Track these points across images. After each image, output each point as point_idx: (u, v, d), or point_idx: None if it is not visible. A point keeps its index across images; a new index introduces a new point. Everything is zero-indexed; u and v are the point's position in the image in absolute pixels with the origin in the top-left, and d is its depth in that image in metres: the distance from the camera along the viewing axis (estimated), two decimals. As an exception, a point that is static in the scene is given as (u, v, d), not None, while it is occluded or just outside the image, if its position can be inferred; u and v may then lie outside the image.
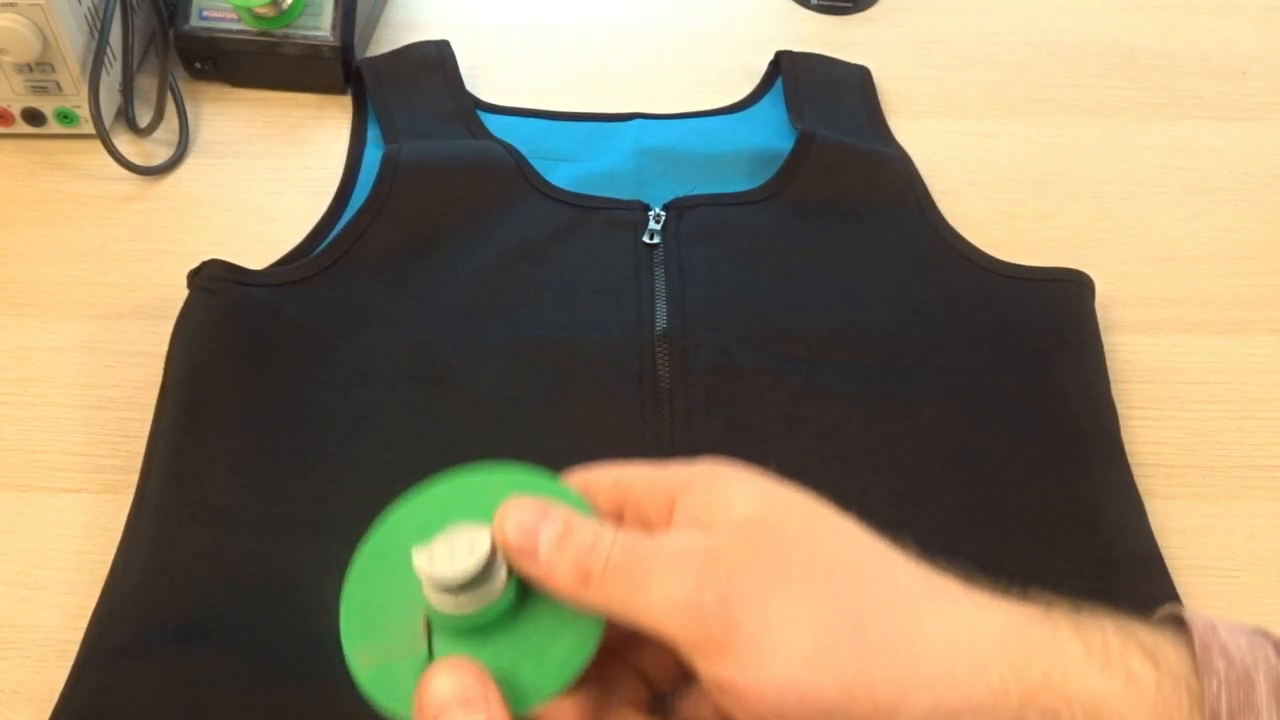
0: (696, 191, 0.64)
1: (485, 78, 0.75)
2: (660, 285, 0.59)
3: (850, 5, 0.83)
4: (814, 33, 0.81)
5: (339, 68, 0.72)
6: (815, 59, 0.75)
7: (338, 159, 0.69)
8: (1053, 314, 0.59)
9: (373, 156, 0.66)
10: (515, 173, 0.63)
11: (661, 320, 0.57)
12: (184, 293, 0.58)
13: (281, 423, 0.53)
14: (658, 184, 0.66)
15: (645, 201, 0.63)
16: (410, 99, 0.69)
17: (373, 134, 0.68)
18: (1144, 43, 0.81)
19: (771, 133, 0.70)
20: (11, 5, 0.61)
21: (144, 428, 0.54)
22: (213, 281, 0.56)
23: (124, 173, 0.66)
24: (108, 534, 0.51)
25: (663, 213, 0.62)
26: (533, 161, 0.64)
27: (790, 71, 0.73)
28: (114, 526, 0.51)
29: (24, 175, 0.67)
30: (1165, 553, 0.52)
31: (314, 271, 0.58)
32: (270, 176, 0.68)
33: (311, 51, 0.71)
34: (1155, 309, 0.63)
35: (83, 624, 0.48)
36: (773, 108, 0.73)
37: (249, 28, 0.70)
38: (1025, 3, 0.84)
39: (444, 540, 0.30)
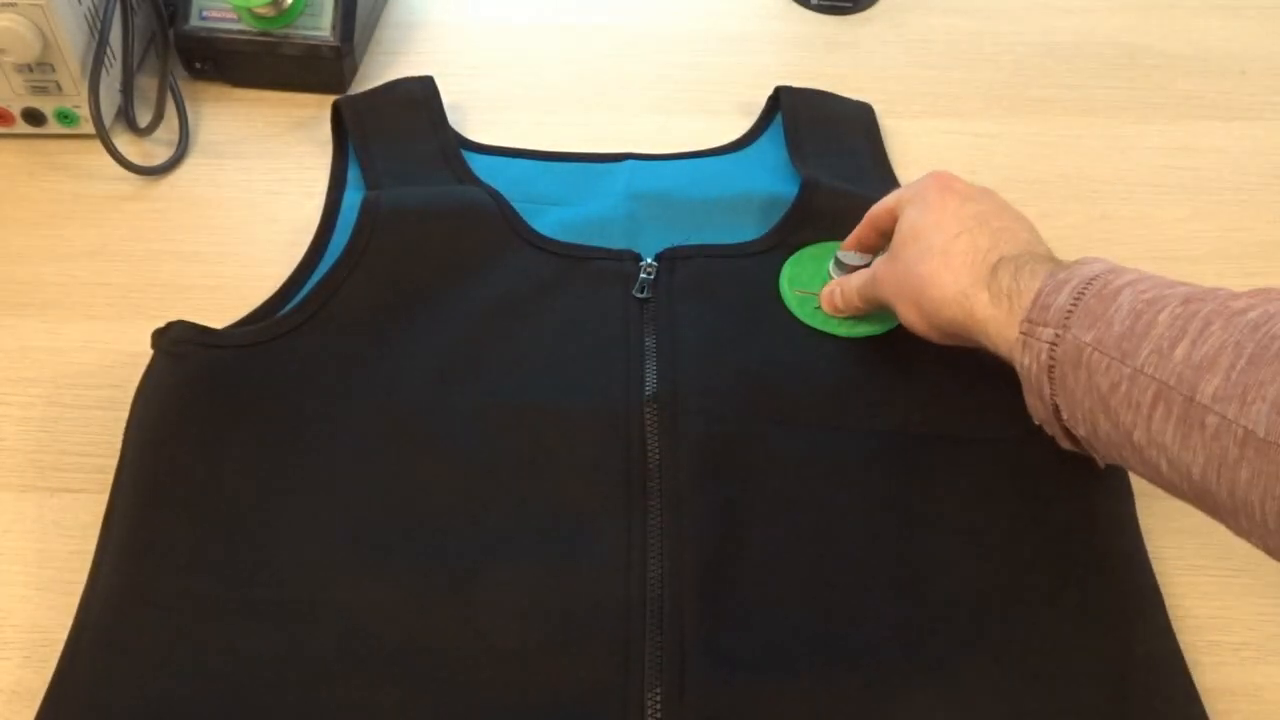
0: (691, 241, 0.60)
1: (485, 78, 0.75)
2: (650, 344, 0.55)
3: (850, 5, 0.83)
4: (814, 33, 0.81)
5: (339, 68, 0.72)
6: (816, 95, 0.72)
7: (338, 159, 0.69)
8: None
9: (352, 200, 0.62)
10: (500, 221, 0.60)
11: (651, 383, 0.54)
12: (184, 292, 0.58)
13: (246, 499, 0.49)
14: (651, 231, 0.62)
15: (637, 251, 0.60)
16: (392, 140, 0.66)
17: (353, 175, 0.65)
18: (1144, 43, 0.81)
19: (771, 175, 0.67)
20: (11, 5, 0.61)
21: (144, 428, 0.55)
22: (177, 345, 0.53)
23: (124, 173, 0.66)
24: (108, 534, 0.51)
25: (654, 264, 0.59)
26: (519, 206, 0.61)
27: (790, 109, 0.70)
28: (114, 526, 0.51)
29: (24, 175, 0.67)
30: (1165, 553, 0.52)
31: (286, 330, 0.54)
32: (270, 176, 0.68)
33: (311, 51, 0.71)
34: (1155, 309, 0.63)
35: (83, 624, 0.48)
36: (772, 147, 0.70)
37: (249, 28, 0.70)
38: (1025, 3, 0.84)
39: (850, 252, 0.58)
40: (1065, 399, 0.45)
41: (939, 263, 0.49)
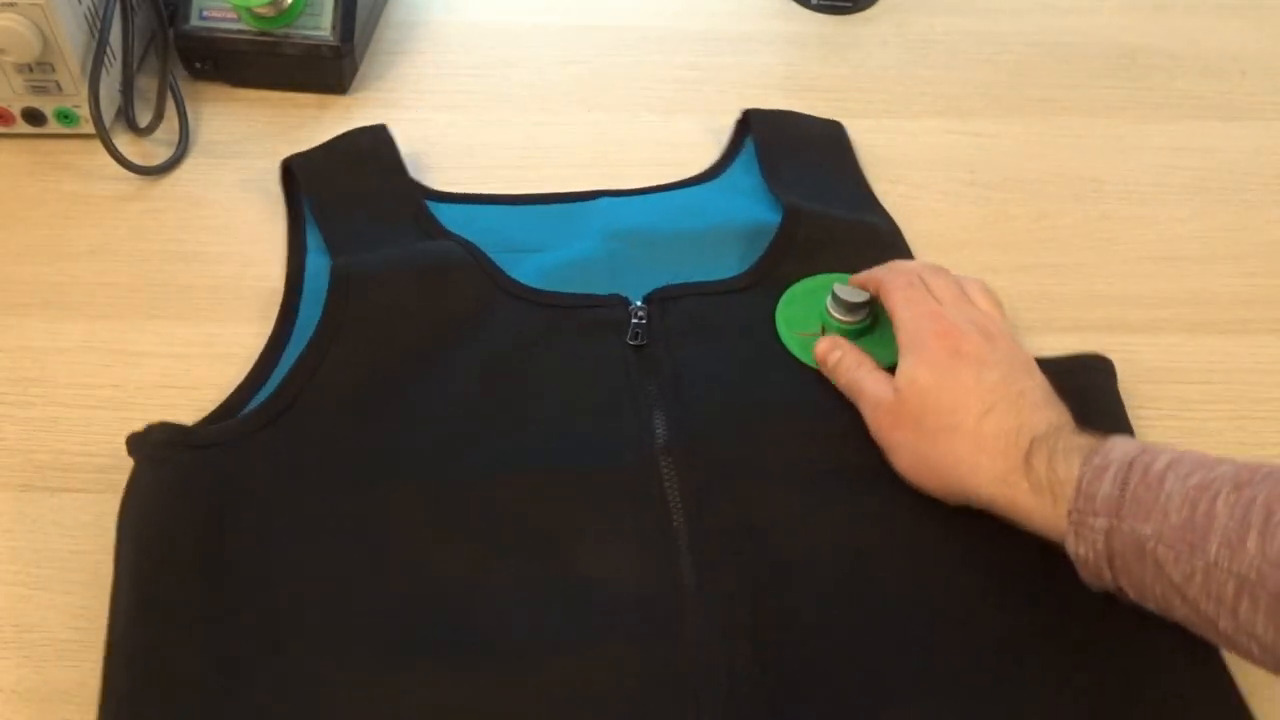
0: (679, 280, 0.59)
1: (485, 78, 0.75)
2: (654, 390, 0.53)
3: (850, 5, 0.83)
4: (814, 33, 0.81)
5: (339, 67, 0.72)
6: (785, 117, 0.70)
7: (338, 159, 0.69)
8: (1079, 410, 0.51)
9: (316, 265, 0.60)
10: (479, 275, 0.57)
11: (662, 431, 0.52)
12: (184, 292, 0.58)
13: (246, 601, 0.46)
14: (634, 271, 0.60)
15: (623, 294, 0.57)
16: (352, 198, 0.62)
17: (313, 239, 0.61)
18: (1144, 43, 0.81)
19: (749, 202, 0.65)
20: (11, 5, 0.61)
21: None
22: (158, 449, 0.50)
23: (124, 172, 0.66)
24: (108, 534, 0.51)
25: (644, 307, 0.57)
26: (495, 256, 0.58)
27: (761, 133, 0.68)
28: (113, 527, 0.51)
29: (24, 175, 0.67)
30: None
31: (266, 421, 0.51)
32: (270, 176, 0.68)
33: (311, 51, 0.71)
34: (1155, 309, 0.63)
35: (83, 624, 0.48)
36: (745, 174, 0.68)
37: (249, 27, 0.70)
38: (1025, 3, 0.84)
39: (847, 289, 0.56)
40: (1130, 582, 0.44)
41: (971, 446, 0.48)
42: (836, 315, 0.57)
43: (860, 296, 0.56)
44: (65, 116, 0.67)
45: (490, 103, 0.74)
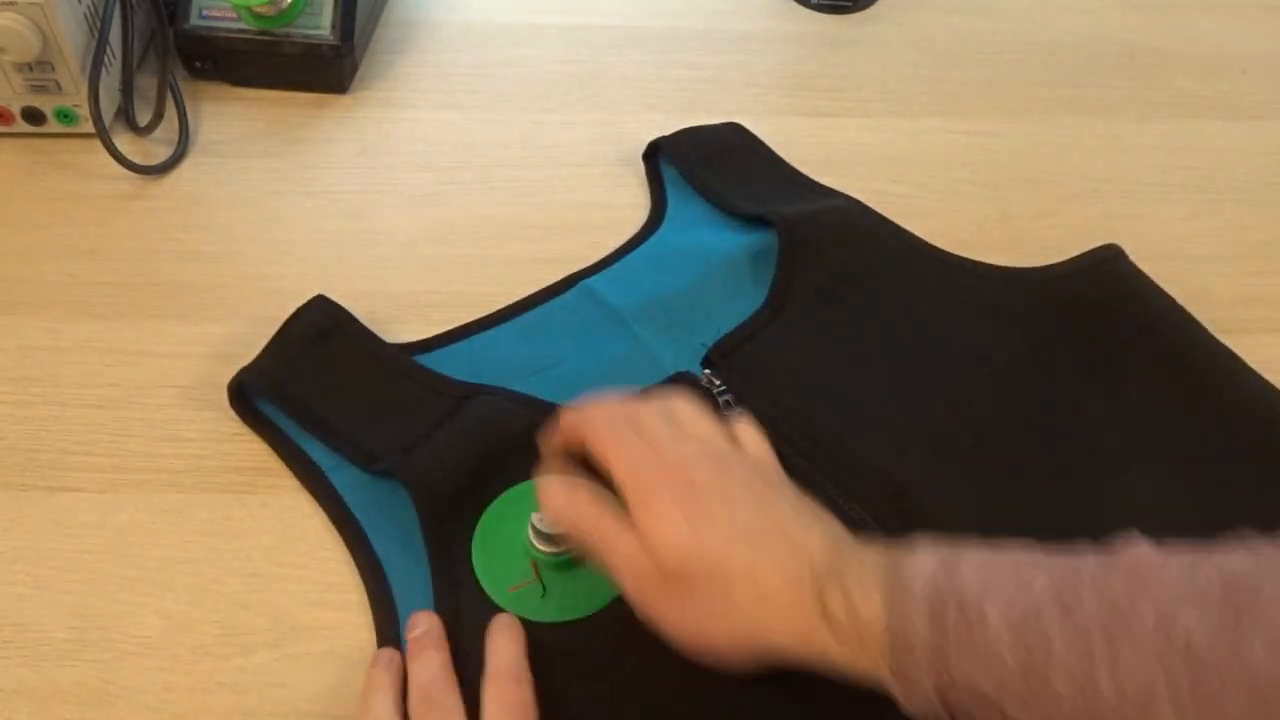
0: (710, 341, 0.57)
1: (485, 78, 0.75)
2: (779, 445, 0.51)
3: (850, 5, 0.83)
4: (814, 33, 0.81)
5: (339, 67, 0.72)
6: (689, 135, 0.69)
7: (338, 158, 0.69)
8: (1113, 304, 0.58)
9: (346, 480, 0.52)
10: (532, 418, 0.51)
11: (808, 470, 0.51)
12: (184, 292, 0.58)
13: None
14: (663, 345, 0.58)
15: (682, 370, 0.56)
16: (336, 390, 0.54)
17: (319, 455, 0.53)
18: (1144, 43, 0.81)
19: (713, 229, 0.64)
20: (11, 4, 0.61)
21: (145, 427, 0.55)
22: None
23: (124, 172, 0.66)
24: (107, 534, 0.51)
25: (710, 373, 0.55)
26: (520, 389, 0.55)
27: (680, 156, 0.67)
28: (114, 526, 0.51)
29: (24, 175, 0.67)
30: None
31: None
32: (270, 176, 0.68)
33: (311, 50, 0.71)
34: (1155, 309, 0.64)
35: (82, 624, 0.48)
36: (687, 204, 0.66)
37: (249, 27, 0.70)
38: (1025, 3, 0.84)
39: (540, 517, 0.48)
40: None
41: (753, 599, 0.41)
42: (542, 548, 0.48)
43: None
44: (65, 116, 0.67)
45: (490, 102, 0.74)
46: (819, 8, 0.83)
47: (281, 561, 0.50)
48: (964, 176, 0.70)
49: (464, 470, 0.51)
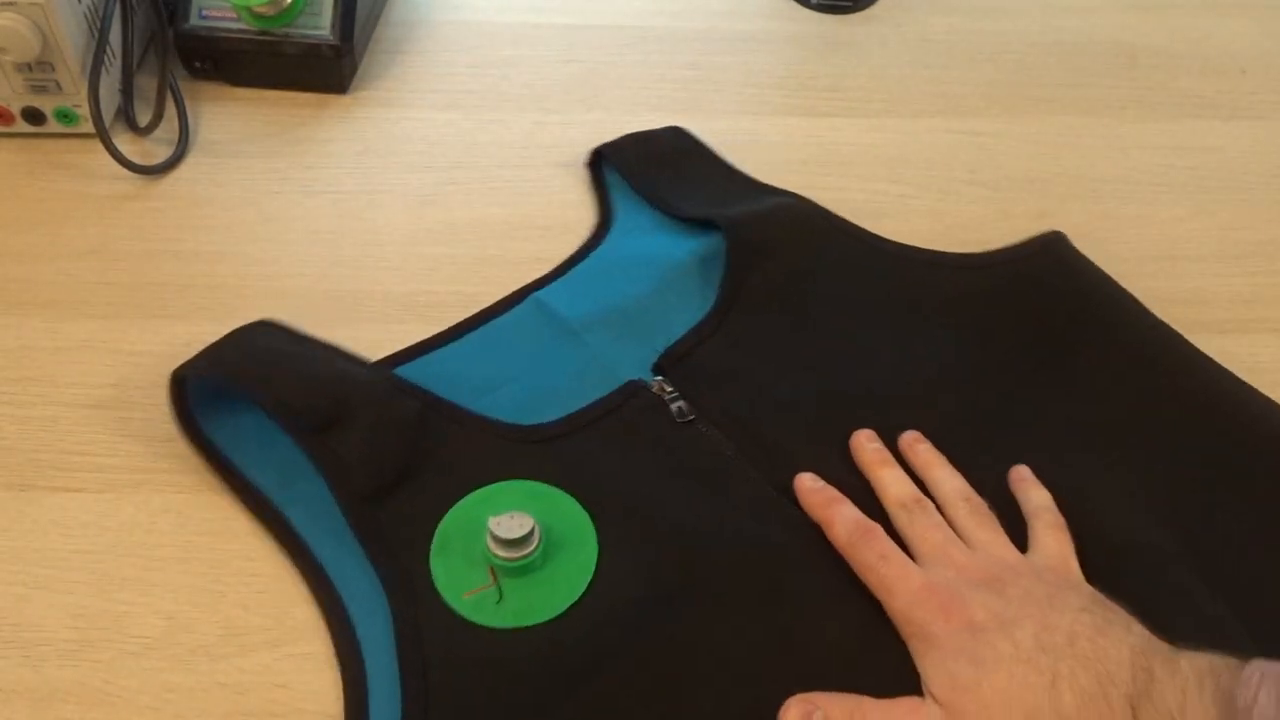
0: (663, 347, 0.56)
1: (485, 78, 0.75)
2: (731, 453, 0.52)
3: (850, 5, 0.83)
4: (814, 33, 0.81)
5: (339, 67, 0.72)
6: (632, 142, 0.69)
7: (337, 158, 0.69)
8: (1060, 288, 0.60)
9: (343, 571, 0.49)
10: (491, 441, 0.51)
11: (762, 485, 0.51)
12: (184, 292, 0.58)
13: None
14: (616, 354, 0.57)
15: (633, 379, 0.55)
16: (327, 420, 0.51)
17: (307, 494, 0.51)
18: (1144, 43, 0.81)
19: (663, 236, 0.64)
20: (11, 4, 0.61)
21: (144, 427, 0.55)
22: None
23: (124, 172, 0.66)
24: (107, 534, 0.51)
25: (660, 380, 0.55)
26: (470, 407, 0.53)
27: (624, 163, 0.67)
28: (114, 526, 0.51)
29: (24, 175, 0.67)
30: (1165, 553, 0.52)
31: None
32: (270, 176, 0.68)
33: (311, 50, 0.71)
34: (1155, 309, 0.63)
35: (82, 624, 0.48)
36: (634, 211, 0.66)
37: (249, 27, 0.70)
38: (1025, 2, 0.84)
39: (503, 519, 0.47)
40: None
41: None
42: (500, 554, 0.47)
43: (523, 529, 0.47)
44: (65, 116, 0.67)
45: (490, 102, 0.74)
46: (819, 8, 0.83)
47: (282, 562, 0.50)
48: (964, 176, 0.71)
49: (383, 453, 0.50)
